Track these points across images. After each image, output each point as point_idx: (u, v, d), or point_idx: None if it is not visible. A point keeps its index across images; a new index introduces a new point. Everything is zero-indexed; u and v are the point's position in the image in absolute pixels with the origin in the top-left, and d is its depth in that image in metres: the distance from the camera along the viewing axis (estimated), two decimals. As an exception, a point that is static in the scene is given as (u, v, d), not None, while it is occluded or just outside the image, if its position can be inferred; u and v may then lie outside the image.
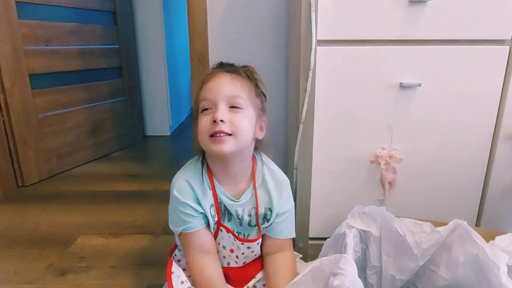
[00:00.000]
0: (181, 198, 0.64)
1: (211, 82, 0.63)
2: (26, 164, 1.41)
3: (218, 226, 0.68)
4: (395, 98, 0.78)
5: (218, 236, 0.68)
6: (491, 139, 0.80)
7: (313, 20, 0.72)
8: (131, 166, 1.69)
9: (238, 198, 0.67)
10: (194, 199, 0.65)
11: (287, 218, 0.71)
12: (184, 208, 0.65)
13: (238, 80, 0.64)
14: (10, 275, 0.89)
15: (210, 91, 0.62)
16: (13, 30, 1.32)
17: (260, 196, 0.68)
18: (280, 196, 0.68)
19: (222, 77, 0.64)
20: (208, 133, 0.61)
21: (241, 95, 0.62)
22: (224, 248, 0.69)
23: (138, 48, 2.07)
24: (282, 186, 0.69)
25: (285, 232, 0.71)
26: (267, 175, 0.69)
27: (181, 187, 0.65)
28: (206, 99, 0.62)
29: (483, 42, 0.75)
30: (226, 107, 0.61)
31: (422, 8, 0.72)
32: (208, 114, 0.62)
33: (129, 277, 0.88)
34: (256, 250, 0.70)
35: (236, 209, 0.67)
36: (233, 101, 0.62)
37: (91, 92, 1.71)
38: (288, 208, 0.70)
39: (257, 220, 0.68)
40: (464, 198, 0.84)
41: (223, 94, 0.61)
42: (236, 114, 0.61)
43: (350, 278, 0.49)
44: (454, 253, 0.62)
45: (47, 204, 1.28)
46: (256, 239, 0.69)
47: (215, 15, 1.18)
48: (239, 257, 0.70)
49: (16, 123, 1.35)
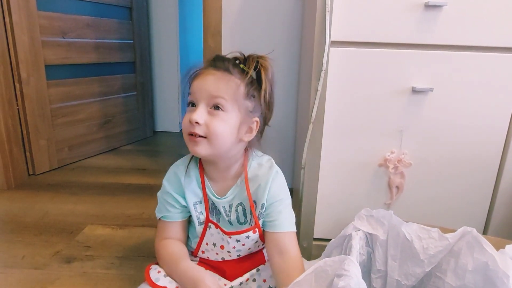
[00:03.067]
0: (168, 188, 0.68)
1: (198, 79, 0.62)
2: (38, 153, 1.44)
3: (206, 223, 0.68)
4: (406, 102, 0.77)
5: (207, 233, 0.69)
6: (502, 147, 0.79)
7: (327, 21, 0.72)
8: (140, 160, 1.71)
9: (224, 195, 0.67)
10: (180, 191, 0.67)
11: (283, 210, 0.67)
12: (168, 197, 0.69)
13: (224, 79, 0.61)
14: (18, 260, 0.91)
15: (195, 88, 0.62)
16: (32, 21, 1.34)
17: (250, 191, 0.67)
18: (265, 189, 0.65)
19: (208, 75, 0.62)
20: (187, 132, 0.61)
21: (223, 95, 0.60)
22: (214, 246, 0.70)
23: (152, 44, 2.09)
24: (268, 178, 0.66)
25: (283, 225, 0.66)
26: (256, 170, 0.68)
27: (170, 177, 0.69)
28: (191, 94, 0.62)
29: (499, 49, 0.74)
30: (206, 107, 0.60)
31: (438, 13, 0.72)
32: (190, 112, 0.62)
33: (134, 268, 0.89)
34: (249, 244, 0.69)
35: (223, 206, 0.67)
36: (215, 101, 0.60)
37: (104, 86, 1.73)
38: (280, 198, 0.66)
39: (252, 211, 0.66)
40: (472, 205, 0.83)
41: (205, 94, 0.60)
42: (214, 117, 0.60)
43: (355, 280, 0.49)
44: (462, 261, 0.61)
45: (57, 193, 1.30)
46: (242, 231, 0.67)
47: (230, 14, 1.18)
48: (231, 252, 0.70)
49: (30, 112, 1.38)
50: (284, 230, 0.66)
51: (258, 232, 0.68)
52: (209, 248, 0.70)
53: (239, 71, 0.63)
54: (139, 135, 2.01)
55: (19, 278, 0.84)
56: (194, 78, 0.63)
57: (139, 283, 0.83)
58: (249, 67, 0.62)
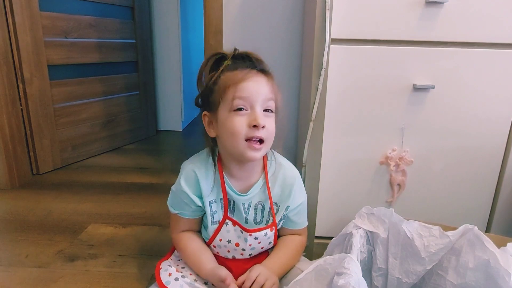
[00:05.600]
0: (185, 188, 0.67)
1: (250, 82, 0.61)
2: (42, 152, 1.45)
3: (223, 220, 0.68)
4: (407, 100, 0.77)
5: (222, 229, 0.68)
6: (505, 144, 0.79)
7: (327, 19, 0.72)
8: (143, 159, 1.72)
9: (246, 192, 0.68)
10: (197, 191, 0.67)
11: (300, 211, 0.72)
12: (184, 197, 0.68)
13: (270, 82, 0.63)
14: (22, 258, 0.92)
15: (249, 92, 0.60)
16: (35, 21, 1.35)
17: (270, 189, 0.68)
18: (290, 193, 0.68)
19: (260, 78, 0.62)
20: (245, 137, 0.60)
21: (273, 98, 0.63)
22: (229, 242, 0.69)
23: (154, 43, 2.10)
24: (292, 182, 0.69)
25: (299, 223, 0.73)
26: (278, 170, 0.69)
27: (188, 176, 0.67)
28: (243, 98, 0.60)
29: (500, 46, 0.73)
30: (261, 110, 0.61)
31: (439, 10, 0.71)
32: (243, 115, 0.60)
33: (136, 266, 0.89)
34: (264, 243, 0.70)
35: (243, 203, 0.68)
36: (268, 104, 0.62)
37: (107, 85, 1.74)
38: (300, 202, 0.71)
39: (272, 210, 0.68)
40: (474, 203, 0.83)
41: (261, 98, 0.61)
42: (269, 119, 0.62)
43: (355, 278, 0.49)
44: (463, 258, 0.61)
45: (60, 192, 1.31)
46: (262, 228, 0.68)
47: (231, 12, 1.18)
48: (246, 250, 0.70)
49: (34, 112, 1.39)
50: (300, 228, 0.74)
51: (274, 230, 0.70)
52: (222, 244, 0.70)
53: (270, 72, 0.65)
54: (141, 134, 2.02)
55: (22, 277, 0.85)
56: (242, 80, 0.61)
57: (142, 281, 0.84)
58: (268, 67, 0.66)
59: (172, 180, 0.71)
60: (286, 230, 0.73)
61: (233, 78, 0.61)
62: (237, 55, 0.65)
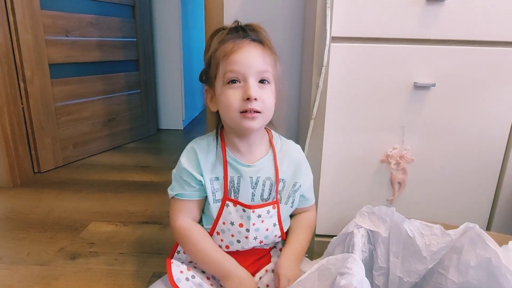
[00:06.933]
0: (184, 164, 0.65)
1: (241, 53, 0.59)
2: (43, 151, 1.45)
3: (223, 201, 0.66)
4: (408, 98, 0.76)
5: (224, 212, 0.66)
6: (506, 142, 0.78)
7: (328, 17, 0.72)
8: (144, 157, 1.72)
9: (252, 164, 0.66)
10: (197, 168, 0.65)
11: (309, 189, 0.73)
12: (184, 174, 0.66)
13: (267, 52, 0.62)
14: (23, 256, 0.92)
15: (239, 64, 0.59)
16: (36, 20, 1.35)
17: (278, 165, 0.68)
18: (299, 169, 0.69)
19: (251, 49, 0.60)
20: (239, 110, 0.59)
21: (269, 69, 0.61)
22: (232, 225, 0.66)
23: (155, 42, 2.10)
24: (300, 158, 0.71)
25: (310, 199, 0.75)
26: (285, 148, 0.70)
27: (187, 153, 0.67)
28: (234, 71, 0.59)
29: (501, 44, 0.73)
30: (256, 82, 0.60)
31: (440, 8, 0.71)
32: (236, 88, 0.59)
33: (137, 264, 0.90)
34: (267, 223, 0.67)
35: (251, 176, 0.66)
36: (263, 75, 0.60)
37: (108, 84, 1.74)
38: (310, 180, 0.73)
39: (276, 187, 0.67)
40: (475, 201, 0.82)
41: (255, 69, 0.59)
42: (265, 90, 0.61)
43: (357, 278, 0.49)
44: (465, 257, 0.61)
45: (61, 191, 1.32)
46: (264, 205, 0.66)
47: (231, 11, 1.18)
48: (250, 231, 0.66)
49: (35, 111, 1.39)
50: (309, 205, 0.75)
51: (277, 209, 0.68)
52: (225, 228, 0.67)
53: (266, 41, 0.63)
54: (142, 132, 2.02)
55: (24, 274, 0.85)
56: (233, 52, 0.59)
57: (143, 279, 0.84)
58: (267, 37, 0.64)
59: (173, 179, 0.71)
60: (297, 208, 0.73)
61: (224, 50, 0.60)
62: (234, 27, 0.64)
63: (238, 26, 0.64)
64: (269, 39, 0.64)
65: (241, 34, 0.62)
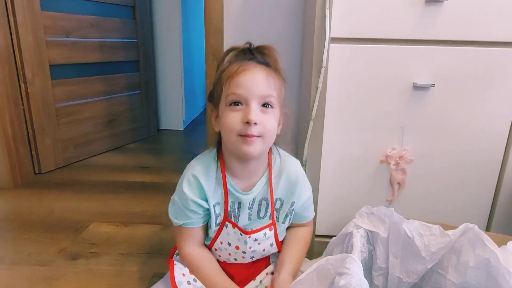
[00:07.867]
0: (189, 195, 0.63)
1: (245, 75, 0.58)
2: (44, 152, 1.46)
3: (223, 222, 0.67)
4: (407, 98, 0.77)
5: (223, 232, 0.67)
6: (505, 143, 0.78)
7: (327, 18, 0.72)
8: (145, 158, 1.72)
9: (249, 191, 0.66)
10: (201, 196, 0.64)
11: (307, 206, 0.72)
12: (190, 205, 0.64)
13: (271, 76, 0.60)
14: (24, 256, 0.92)
15: (242, 87, 0.58)
16: (36, 21, 1.36)
17: (274, 187, 0.67)
18: (296, 188, 0.67)
19: (256, 72, 0.59)
20: (238, 133, 0.58)
21: (273, 94, 0.59)
22: (229, 245, 0.68)
23: (155, 43, 2.10)
24: (297, 177, 0.68)
25: (307, 217, 0.73)
26: (282, 166, 0.68)
27: (190, 183, 0.64)
28: (237, 94, 0.58)
29: (500, 44, 0.73)
30: (258, 106, 0.58)
31: (439, 8, 0.71)
32: (238, 111, 0.58)
33: (138, 265, 0.90)
34: (264, 245, 0.69)
35: (249, 201, 0.67)
36: (266, 99, 0.59)
37: (109, 85, 1.75)
38: (306, 198, 0.70)
39: (272, 209, 0.67)
40: (475, 202, 0.83)
41: (258, 93, 0.58)
42: (267, 115, 0.59)
43: (356, 278, 0.49)
44: (464, 257, 0.61)
45: (62, 191, 1.32)
46: (260, 229, 0.67)
47: (231, 12, 1.18)
48: (246, 252, 0.69)
49: (36, 112, 1.40)
50: (307, 221, 0.74)
51: (274, 230, 0.69)
52: (222, 247, 0.69)
53: (273, 64, 0.62)
54: (143, 133, 2.02)
55: (25, 275, 0.85)
56: (237, 74, 0.58)
57: (144, 279, 0.84)
58: (276, 60, 0.63)
59: (173, 179, 0.71)
60: (293, 223, 0.72)
61: (229, 71, 0.60)
62: (243, 49, 0.63)
63: (246, 48, 0.63)
64: (277, 61, 0.63)
65: (248, 56, 0.61)
